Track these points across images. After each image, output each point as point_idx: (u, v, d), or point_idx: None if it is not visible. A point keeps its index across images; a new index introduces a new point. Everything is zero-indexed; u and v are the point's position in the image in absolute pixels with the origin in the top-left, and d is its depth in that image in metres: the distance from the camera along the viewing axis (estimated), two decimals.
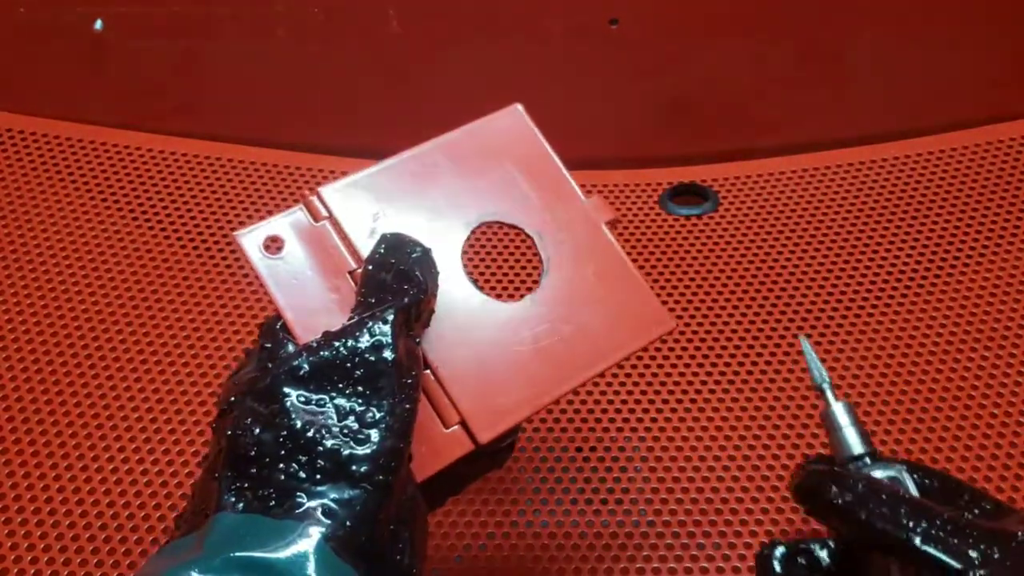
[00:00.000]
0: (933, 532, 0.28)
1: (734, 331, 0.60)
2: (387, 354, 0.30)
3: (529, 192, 0.39)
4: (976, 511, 0.32)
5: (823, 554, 0.32)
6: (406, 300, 0.31)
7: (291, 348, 0.32)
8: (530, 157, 0.40)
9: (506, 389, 0.35)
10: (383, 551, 0.29)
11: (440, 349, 0.35)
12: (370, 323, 0.30)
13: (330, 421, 0.29)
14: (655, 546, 0.48)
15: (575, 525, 0.49)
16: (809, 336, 0.60)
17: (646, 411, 0.55)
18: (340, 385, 0.29)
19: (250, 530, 0.27)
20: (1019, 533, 0.28)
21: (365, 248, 0.35)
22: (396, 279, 0.32)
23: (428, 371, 0.34)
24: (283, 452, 0.28)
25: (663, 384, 0.57)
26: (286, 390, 0.29)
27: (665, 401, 0.56)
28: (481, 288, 0.37)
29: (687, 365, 0.58)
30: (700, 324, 0.61)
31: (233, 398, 0.30)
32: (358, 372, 0.30)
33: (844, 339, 0.59)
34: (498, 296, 0.36)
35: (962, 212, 0.68)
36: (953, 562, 0.27)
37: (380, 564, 0.28)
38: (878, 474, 0.32)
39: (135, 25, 0.76)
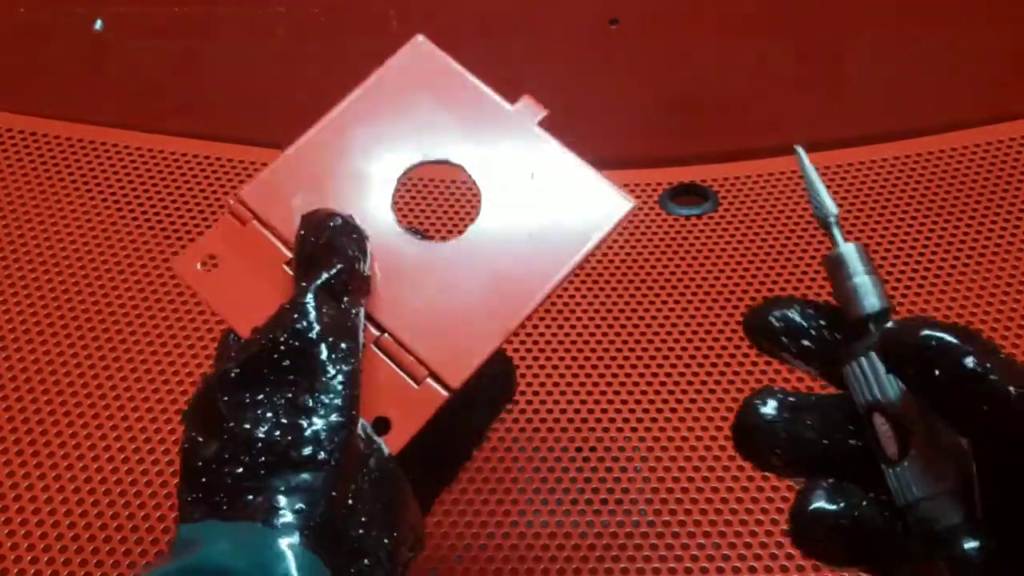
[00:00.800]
0: None
1: (734, 331, 0.60)
2: (311, 335, 0.30)
3: (450, 123, 0.37)
4: None
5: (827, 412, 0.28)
6: (324, 275, 0.31)
7: None
8: (446, 87, 0.38)
9: (468, 328, 0.34)
10: (340, 529, 0.28)
11: (391, 308, 0.34)
12: (287, 309, 0.30)
13: (268, 415, 0.29)
14: (655, 546, 0.48)
15: (575, 525, 0.49)
16: None
17: (646, 411, 0.55)
18: (272, 378, 0.29)
19: (206, 534, 0.27)
20: None
21: (292, 235, 0.34)
22: (323, 254, 0.32)
23: (385, 335, 0.33)
24: (226, 455, 0.29)
25: (663, 384, 0.57)
26: (221, 396, 0.29)
27: (665, 401, 0.56)
28: (424, 235, 0.35)
29: (687, 365, 0.58)
30: (700, 324, 0.61)
31: (182, 417, 0.31)
32: (286, 361, 0.30)
33: None
34: (443, 238, 0.35)
35: (962, 212, 0.68)
36: None
37: (338, 543, 0.28)
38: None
39: (135, 25, 0.76)
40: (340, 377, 0.29)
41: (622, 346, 0.59)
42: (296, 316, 0.30)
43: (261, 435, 0.29)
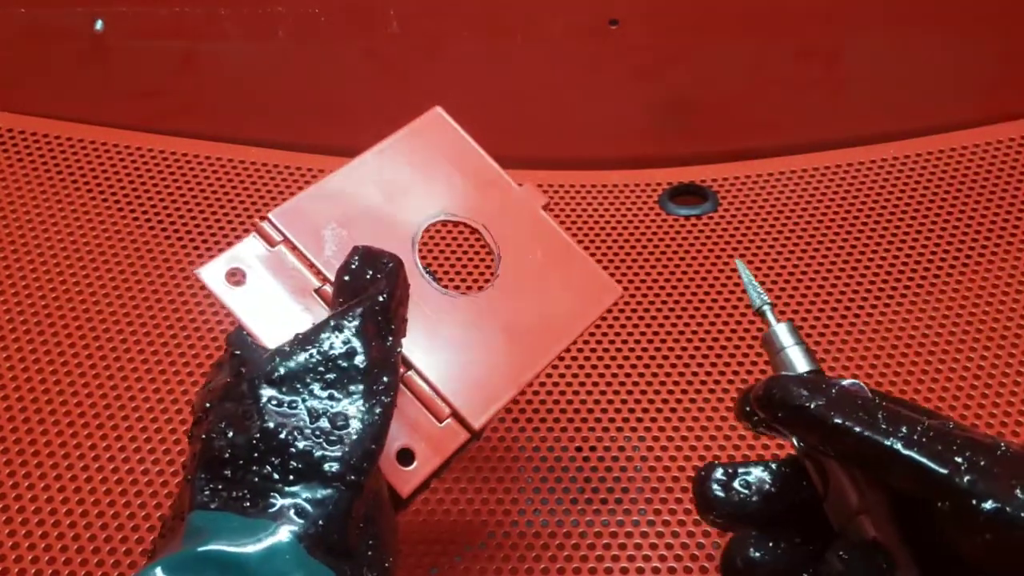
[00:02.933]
0: (916, 437, 0.26)
1: (733, 331, 0.60)
2: (359, 360, 0.31)
3: (466, 188, 0.41)
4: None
5: (764, 475, 0.32)
6: (377, 300, 0.32)
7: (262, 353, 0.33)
8: (460, 155, 0.42)
9: (487, 375, 0.37)
10: (353, 548, 0.29)
11: (417, 349, 0.36)
12: (341, 323, 0.31)
13: (303, 423, 0.29)
14: (655, 546, 0.48)
15: (575, 525, 0.49)
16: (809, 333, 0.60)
17: (646, 411, 0.55)
18: (312, 387, 0.30)
19: (222, 526, 0.27)
20: (1001, 444, 0.26)
21: (323, 264, 0.36)
22: (374, 288, 0.33)
23: (412, 372, 0.36)
24: (256, 454, 0.29)
25: (663, 384, 0.57)
26: (260, 392, 0.30)
27: (665, 401, 0.56)
28: (441, 284, 0.39)
29: (687, 365, 0.58)
30: (700, 324, 0.61)
31: (208, 404, 0.31)
32: (330, 375, 0.30)
33: (843, 339, 0.59)
34: (457, 289, 0.38)
35: (961, 212, 0.68)
36: (939, 468, 0.25)
37: (350, 561, 0.29)
38: None
39: (135, 25, 0.76)
40: (379, 408, 0.30)
41: (622, 346, 0.59)
42: (347, 339, 0.31)
43: (297, 443, 0.29)
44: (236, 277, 0.35)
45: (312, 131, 0.75)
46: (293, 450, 0.29)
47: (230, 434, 0.29)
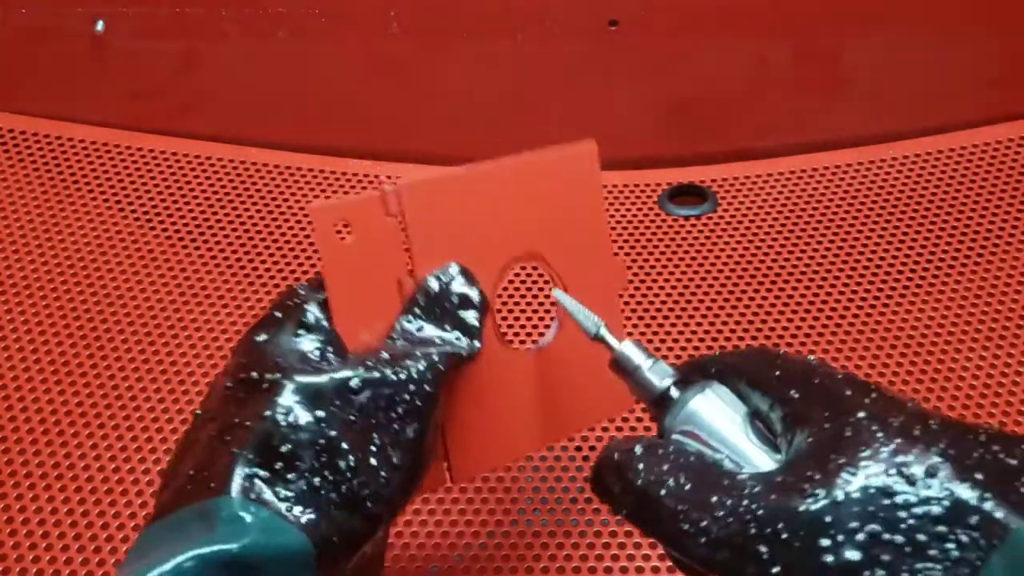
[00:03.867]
0: (713, 535, 0.25)
1: (732, 331, 0.60)
2: (429, 406, 0.30)
3: (568, 240, 0.38)
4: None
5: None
6: (461, 358, 0.32)
7: (317, 325, 0.32)
8: (584, 201, 0.39)
9: (490, 435, 0.36)
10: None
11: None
12: (423, 366, 0.30)
13: (364, 443, 0.29)
14: (655, 545, 0.48)
15: (575, 524, 0.49)
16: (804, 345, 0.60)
17: (646, 410, 0.55)
18: (380, 413, 0.30)
19: (261, 526, 0.26)
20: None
21: (423, 258, 0.34)
22: (451, 318, 0.33)
23: None
24: (314, 462, 0.28)
25: None
26: (336, 401, 0.29)
27: None
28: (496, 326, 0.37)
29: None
30: (699, 324, 0.61)
31: (273, 376, 0.29)
32: (399, 408, 0.30)
33: (843, 339, 0.59)
34: (503, 334, 0.37)
35: (960, 212, 0.68)
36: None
37: None
38: (698, 401, 0.29)
39: (135, 25, 0.76)
40: (426, 458, 0.31)
41: None
42: (428, 379, 0.30)
43: (352, 464, 0.28)
44: (342, 233, 0.33)
45: (312, 131, 0.76)
46: (349, 474, 0.28)
47: (298, 431, 0.28)
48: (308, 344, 0.31)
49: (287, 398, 0.29)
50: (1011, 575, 0.22)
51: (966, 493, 0.23)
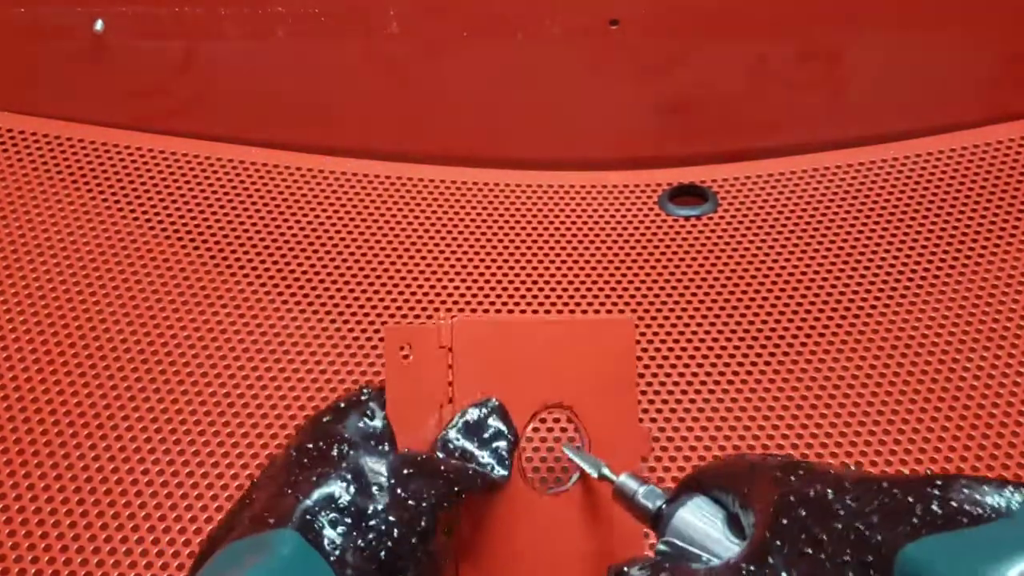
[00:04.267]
0: None
1: (733, 331, 0.60)
2: (456, 515, 0.34)
3: (602, 396, 0.41)
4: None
5: None
6: (492, 477, 0.35)
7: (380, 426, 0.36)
8: (616, 367, 0.42)
9: (502, 566, 0.38)
10: None
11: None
12: (463, 473, 0.34)
13: (412, 521, 0.32)
14: (654, 545, 0.48)
15: None
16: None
17: (646, 411, 0.55)
18: (424, 501, 0.33)
19: (310, 565, 0.30)
20: None
21: (462, 391, 0.38)
22: (486, 446, 0.36)
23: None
24: (365, 524, 0.31)
25: (663, 384, 0.57)
26: (391, 479, 0.33)
27: (664, 401, 0.56)
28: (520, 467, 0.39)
29: (686, 365, 0.58)
30: (699, 324, 0.61)
31: (340, 448, 0.34)
32: (444, 504, 0.33)
33: (843, 339, 0.59)
34: (523, 473, 0.39)
35: (960, 213, 0.68)
36: None
37: None
38: (681, 514, 0.33)
39: (135, 25, 0.76)
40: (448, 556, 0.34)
41: None
42: (463, 485, 0.34)
43: (395, 538, 0.31)
44: (405, 351, 0.37)
45: (312, 131, 0.76)
46: (385, 552, 0.31)
47: (352, 490, 0.32)
48: (368, 430, 0.36)
49: (351, 462, 0.33)
50: None
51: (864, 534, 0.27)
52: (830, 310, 0.61)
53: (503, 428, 0.37)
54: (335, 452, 0.34)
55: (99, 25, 0.76)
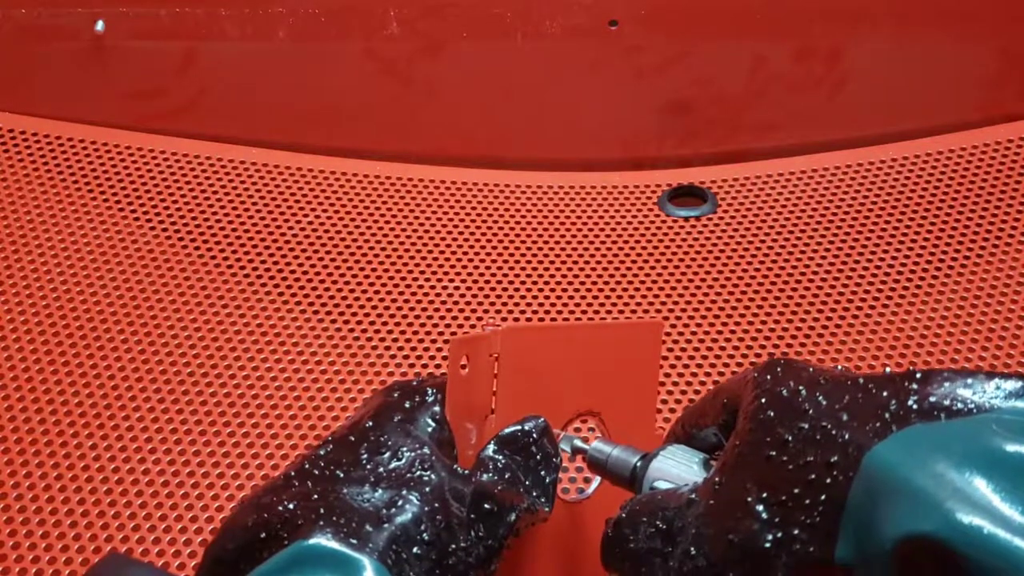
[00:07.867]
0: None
1: (732, 332, 0.60)
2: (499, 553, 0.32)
3: (625, 399, 0.41)
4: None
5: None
6: (537, 515, 0.33)
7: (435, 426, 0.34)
8: (642, 370, 0.42)
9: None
10: None
11: None
12: (517, 509, 0.32)
13: (468, 541, 0.31)
14: None
15: None
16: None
17: None
18: (475, 525, 0.31)
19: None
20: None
21: (504, 401, 0.37)
22: (532, 473, 0.34)
23: None
24: (420, 537, 0.29)
25: (662, 385, 0.57)
26: (455, 503, 0.31)
27: (664, 402, 0.56)
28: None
29: (686, 366, 0.58)
30: (699, 325, 0.61)
31: (431, 471, 0.31)
32: (477, 527, 0.31)
33: (843, 339, 0.60)
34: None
35: (960, 213, 0.68)
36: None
37: None
38: (657, 462, 0.33)
39: (135, 25, 0.76)
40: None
41: None
42: (513, 524, 0.32)
43: (460, 552, 0.30)
44: (464, 362, 0.36)
45: (312, 131, 0.76)
46: (444, 554, 0.29)
47: (437, 520, 0.30)
48: (438, 436, 0.34)
49: (435, 493, 0.31)
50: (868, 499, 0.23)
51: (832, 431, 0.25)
52: (829, 310, 0.61)
53: (548, 452, 0.35)
54: (417, 465, 0.31)
55: (99, 25, 0.76)
